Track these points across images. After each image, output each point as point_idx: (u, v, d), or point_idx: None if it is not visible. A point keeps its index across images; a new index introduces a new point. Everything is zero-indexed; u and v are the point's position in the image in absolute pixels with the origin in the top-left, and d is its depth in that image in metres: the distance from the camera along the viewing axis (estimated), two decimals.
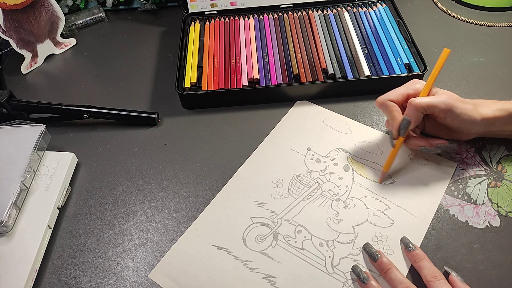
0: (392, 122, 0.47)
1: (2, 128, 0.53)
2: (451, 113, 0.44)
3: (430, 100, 0.44)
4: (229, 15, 0.69)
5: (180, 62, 0.61)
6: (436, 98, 0.44)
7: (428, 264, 0.40)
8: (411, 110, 0.45)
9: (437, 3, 0.73)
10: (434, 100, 0.44)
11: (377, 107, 0.48)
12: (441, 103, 0.44)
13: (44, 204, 0.47)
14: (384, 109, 0.47)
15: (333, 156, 0.52)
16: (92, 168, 0.54)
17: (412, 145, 0.48)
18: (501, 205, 0.46)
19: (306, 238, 0.45)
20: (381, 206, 0.47)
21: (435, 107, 0.44)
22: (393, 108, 0.46)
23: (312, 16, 0.67)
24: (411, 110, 0.45)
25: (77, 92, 0.64)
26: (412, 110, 0.45)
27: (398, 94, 0.47)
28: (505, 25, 0.67)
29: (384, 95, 0.47)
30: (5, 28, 0.64)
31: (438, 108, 0.44)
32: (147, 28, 0.74)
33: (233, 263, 0.43)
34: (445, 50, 0.47)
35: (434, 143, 0.47)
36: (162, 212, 0.48)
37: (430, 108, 0.44)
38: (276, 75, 0.59)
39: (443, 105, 0.44)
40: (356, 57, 0.60)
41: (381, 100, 0.47)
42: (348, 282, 0.41)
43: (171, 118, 0.59)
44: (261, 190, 0.49)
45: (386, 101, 0.47)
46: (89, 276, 0.44)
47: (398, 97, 0.47)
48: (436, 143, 0.47)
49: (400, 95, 0.47)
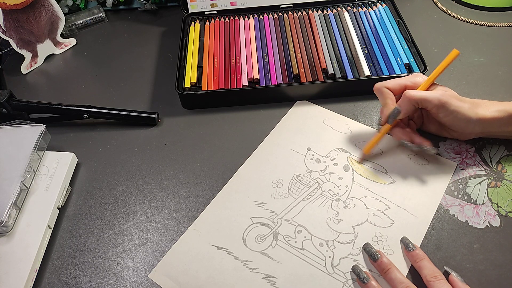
0: (383, 108, 0.48)
1: (2, 128, 0.53)
2: (443, 110, 0.45)
3: (423, 94, 0.45)
4: (229, 15, 0.69)
5: (180, 62, 0.61)
6: (430, 93, 0.45)
7: (428, 264, 0.40)
8: (404, 101, 0.46)
9: (437, 3, 0.73)
10: (428, 95, 0.45)
11: (374, 92, 0.49)
12: (434, 99, 0.45)
13: (44, 204, 0.47)
14: (379, 95, 0.49)
15: (333, 156, 0.52)
16: (92, 168, 0.54)
17: (395, 136, 0.49)
18: (501, 205, 0.46)
19: (306, 238, 0.45)
20: (381, 206, 0.47)
21: (428, 101, 0.45)
22: (387, 95, 0.48)
23: (312, 16, 0.67)
24: (404, 101, 0.46)
25: (77, 92, 0.64)
26: (405, 101, 0.46)
27: (396, 83, 0.48)
28: (505, 25, 0.67)
29: (383, 82, 0.49)
30: (5, 28, 0.64)
31: (431, 103, 0.45)
32: (147, 28, 0.74)
33: (233, 263, 0.43)
34: (454, 51, 0.47)
35: (417, 141, 0.48)
36: (162, 212, 0.48)
37: (423, 101, 0.45)
38: (276, 75, 0.59)
39: (436, 100, 0.44)
40: (356, 57, 0.60)
41: (379, 86, 0.49)
42: (348, 282, 0.41)
43: (171, 118, 0.59)
44: (261, 190, 0.49)
45: (382, 88, 0.48)
46: (89, 276, 0.44)
47: (396, 86, 0.48)
48: (418, 141, 0.48)
49: (397, 85, 0.48)
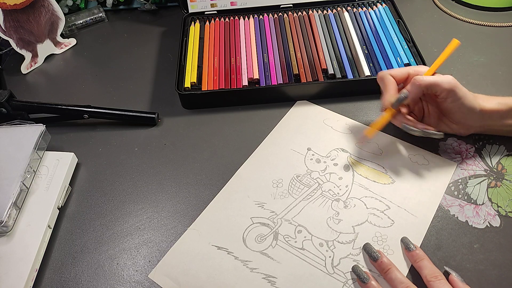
0: (385, 94, 0.48)
1: (2, 128, 0.53)
2: (453, 94, 0.45)
3: (434, 78, 0.45)
4: (229, 15, 0.69)
5: (180, 62, 0.61)
6: (441, 77, 0.45)
7: (428, 264, 0.40)
8: (413, 86, 0.46)
9: (437, 3, 0.73)
10: (439, 79, 0.45)
11: (377, 80, 0.49)
12: (445, 82, 0.45)
13: (44, 204, 0.47)
14: (381, 82, 0.49)
15: (333, 156, 0.52)
16: (92, 168, 0.54)
17: (397, 121, 0.49)
18: (501, 205, 0.46)
19: (306, 238, 0.45)
20: (381, 206, 0.47)
21: (439, 85, 0.45)
22: (390, 81, 0.48)
23: (312, 16, 0.67)
24: (413, 86, 0.46)
25: (77, 92, 0.64)
26: (414, 87, 0.46)
27: (400, 72, 0.49)
28: (505, 25, 0.67)
29: (387, 70, 0.49)
30: (5, 28, 0.64)
31: (441, 87, 0.45)
32: (147, 28, 0.74)
33: (233, 263, 0.43)
34: (454, 41, 0.47)
35: (419, 126, 0.48)
36: (162, 212, 0.48)
37: (433, 86, 0.45)
38: (276, 75, 0.59)
39: (447, 84, 0.44)
40: (356, 57, 0.60)
41: (383, 73, 0.49)
42: (348, 282, 0.41)
43: (171, 118, 0.59)
44: (261, 190, 0.49)
45: (386, 75, 0.48)
46: (89, 276, 0.44)
47: (399, 74, 0.48)
48: (421, 127, 0.48)
49: (401, 73, 0.48)
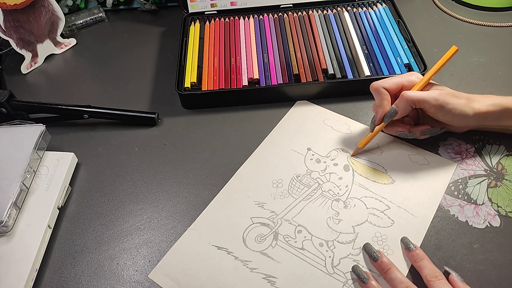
0: (379, 109, 0.48)
1: (2, 128, 0.53)
2: (442, 109, 0.45)
3: (421, 94, 0.45)
4: (229, 15, 0.69)
5: (180, 62, 0.61)
6: (428, 94, 0.45)
7: (428, 264, 0.40)
8: (401, 102, 0.46)
9: (437, 3, 0.73)
10: (426, 96, 0.45)
11: (371, 90, 0.49)
12: (432, 99, 0.45)
13: (44, 204, 0.47)
14: (376, 95, 0.49)
15: (333, 156, 0.52)
16: (92, 168, 0.54)
17: (392, 131, 0.50)
18: (501, 205, 0.46)
19: (306, 238, 0.45)
20: (381, 206, 0.47)
21: (426, 102, 0.45)
22: (384, 96, 0.48)
23: (312, 16, 0.67)
24: (401, 102, 0.46)
25: (77, 92, 0.64)
26: (402, 102, 0.46)
27: (393, 83, 0.48)
28: (505, 25, 0.67)
29: (380, 81, 0.48)
30: (5, 28, 0.64)
31: (428, 104, 0.45)
32: (147, 28, 0.74)
33: (233, 263, 0.43)
34: (453, 48, 0.47)
35: (416, 130, 0.48)
36: (162, 212, 0.48)
37: (420, 102, 0.45)
38: (276, 75, 0.59)
39: (433, 101, 0.45)
40: (356, 57, 0.60)
41: (376, 86, 0.48)
42: (348, 282, 0.41)
43: (171, 118, 0.59)
44: (261, 190, 0.49)
45: (380, 88, 0.48)
46: (89, 276, 0.44)
47: (392, 86, 0.48)
48: (418, 129, 0.48)
49: (394, 84, 0.48)
